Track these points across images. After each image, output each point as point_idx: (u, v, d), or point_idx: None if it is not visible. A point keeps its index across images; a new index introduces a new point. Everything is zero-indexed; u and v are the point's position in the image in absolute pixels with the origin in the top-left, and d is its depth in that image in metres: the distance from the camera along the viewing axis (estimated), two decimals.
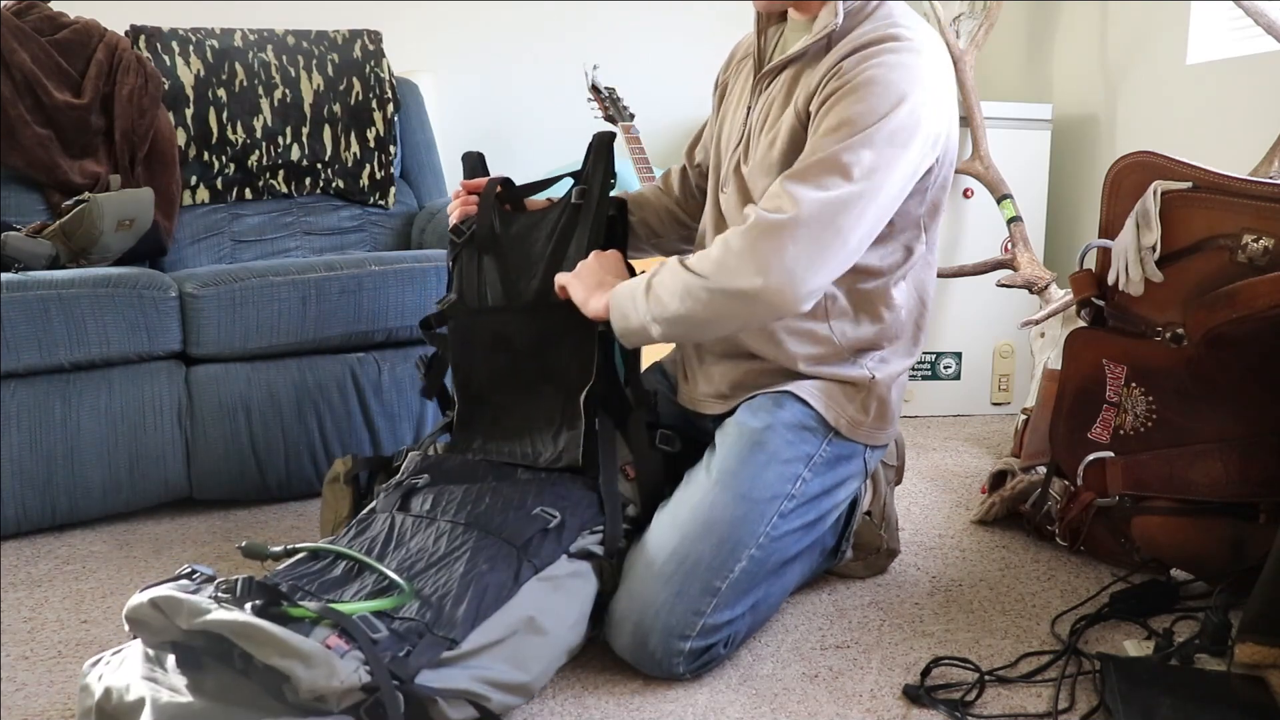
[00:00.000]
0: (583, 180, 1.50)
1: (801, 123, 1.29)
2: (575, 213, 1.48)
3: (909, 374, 1.47)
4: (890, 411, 1.41)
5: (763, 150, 1.34)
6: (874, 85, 1.21)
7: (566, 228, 1.47)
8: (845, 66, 1.24)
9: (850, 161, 1.19)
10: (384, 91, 2.55)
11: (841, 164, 1.19)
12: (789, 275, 1.18)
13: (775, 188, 1.22)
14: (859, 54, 1.24)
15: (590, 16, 3.07)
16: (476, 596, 1.11)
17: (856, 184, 1.19)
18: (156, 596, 0.98)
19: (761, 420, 1.32)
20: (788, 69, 1.34)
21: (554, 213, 1.50)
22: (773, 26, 1.43)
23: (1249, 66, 2.15)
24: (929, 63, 1.25)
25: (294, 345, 1.90)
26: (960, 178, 2.51)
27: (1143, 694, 1.12)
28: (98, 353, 1.76)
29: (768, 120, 1.35)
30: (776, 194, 1.21)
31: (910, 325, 1.43)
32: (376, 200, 2.55)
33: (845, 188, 1.19)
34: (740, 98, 1.45)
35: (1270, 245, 1.29)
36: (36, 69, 2.16)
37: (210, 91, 2.39)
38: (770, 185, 1.27)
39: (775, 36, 1.43)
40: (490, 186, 1.52)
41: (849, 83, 1.22)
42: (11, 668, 1.29)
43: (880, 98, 1.20)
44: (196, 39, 2.42)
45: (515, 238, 1.50)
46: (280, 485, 1.92)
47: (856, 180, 1.19)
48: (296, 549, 1.20)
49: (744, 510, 1.26)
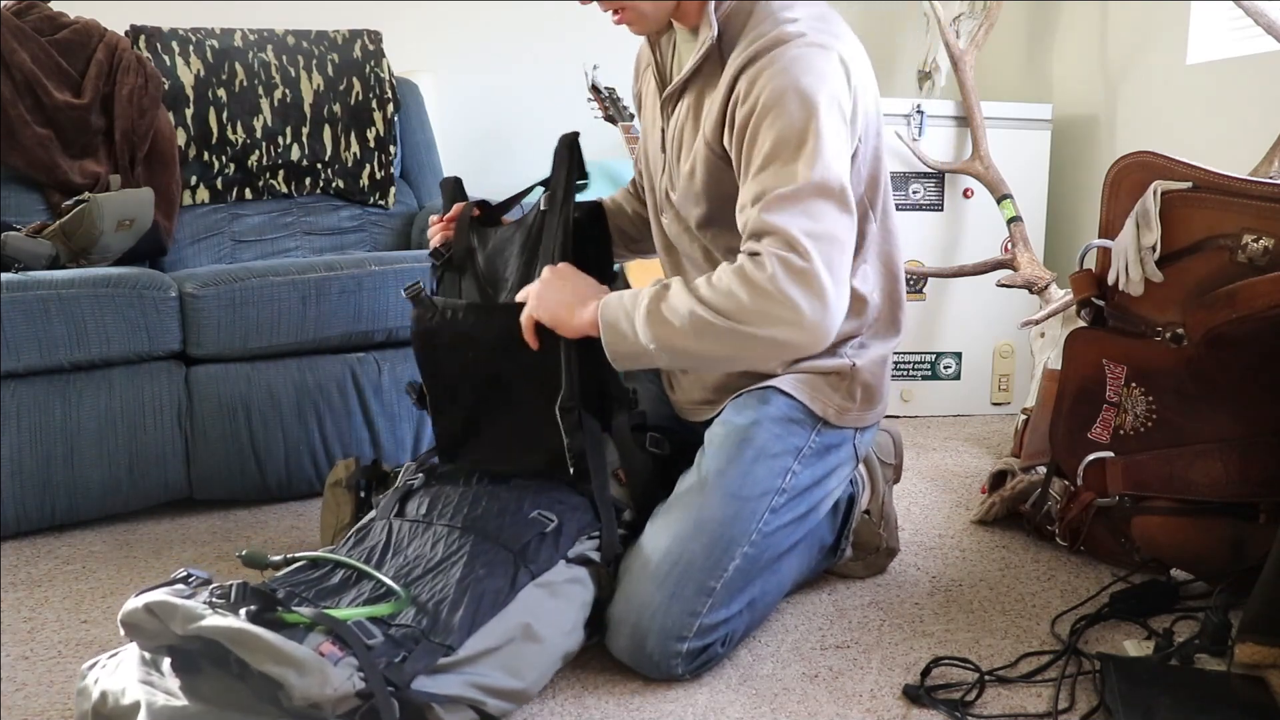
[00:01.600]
0: (550, 186, 1.45)
1: (714, 153, 1.27)
2: (543, 219, 1.43)
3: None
4: (877, 394, 1.39)
5: (684, 180, 1.33)
6: (783, 97, 1.18)
7: (537, 235, 1.43)
8: (742, 89, 1.21)
9: (820, 177, 1.17)
10: (384, 91, 2.55)
11: (815, 185, 1.17)
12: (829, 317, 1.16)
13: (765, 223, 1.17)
14: (752, 68, 1.21)
15: (590, 16, 3.05)
16: (473, 603, 1.11)
17: (836, 193, 1.18)
18: (151, 602, 0.98)
19: (747, 417, 1.32)
20: (689, 88, 1.32)
21: (526, 222, 1.47)
22: (664, 36, 1.40)
23: (1249, 66, 2.15)
24: (821, 48, 1.21)
25: (294, 345, 1.90)
26: (960, 178, 2.52)
27: (1143, 694, 1.12)
28: (98, 353, 1.76)
29: (682, 148, 1.33)
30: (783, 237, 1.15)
31: (885, 304, 1.40)
32: (376, 200, 2.55)
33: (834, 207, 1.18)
34: (653, 118, 1.43)
35: (1270, 245, 1.29)
36: (36, 69, 2.16)
37: (210, 91, 2.39)
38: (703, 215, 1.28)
39: (669, 47, 1.40)
40: (466, 209, 1.51)
41: (757, 104, 1.19)
42: (11, 668, 1.29)
43: (796, 104, 1.18)
44: (196, 39, 2.42)
45: (492, 253, 1.49)
46: (280, 485, 1.92)
47: (835, 188, 1.18)
48: (295, 558, 1.20)
49: (735, 509, 1.26)
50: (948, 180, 2.52)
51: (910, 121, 2.49)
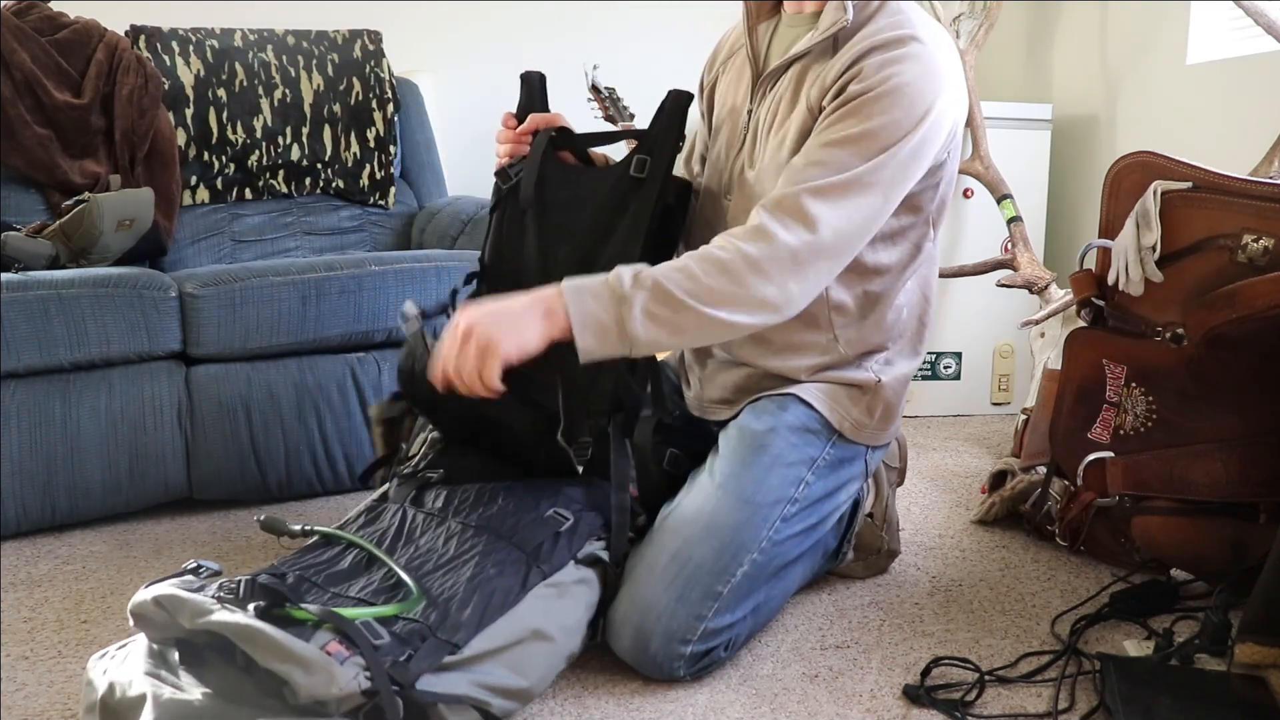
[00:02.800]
0: (648, 148, 1.32)
1: (814, 116, 1.26)
2: (632, 187, 1.31)
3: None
4: (894, 414, 1.40)
5: (771, 151, 1.31)
6: (901, 96, 1.19)
7: (619, 205, 1.31)
8: (868, 68, 1.21)
9: (873, 181, 1.18)
10: (384, 91, 2.55)
11: (864, 182, 1.18)
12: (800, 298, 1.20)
13: (792, 200, 1.18)
14: (880, 55, 1.21)
15: (589, 16, 3.07)
16: (482, 601, 1.11)
17: (875, 199, 1.19)
18: (160, 594, 0.99)
19: (765, 423, 1.31)
20: (791, 68, 1.31)
21: (608, 181, 1.34)
22: (763, 24, 1.39)
23: (1249, 66, 2.15)
24: (945, 61, 1.24)
25: (294, 345, 1.90)
26: (960, 178, 2.51)
27: (1143, 694, 1.12)
28: (98, 353, 1.76)
29: (775, 121, 1.32)
30: (795, 208, 1.17)
31: (914, 324, 1.42)
32: (376, 200, 2.55)
33: (868, 206, 1.19)
34: (735, 100, 1.40)
35: (1270, 245, 1.29)
36: (36, 69, 2.16)
37: (210, 91, 2.39)
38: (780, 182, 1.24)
39: (767, 34, 1.39)
40: (543, 137, 1.37)
41: (874, 89, 1.19)
42: (11, 668, 1.29)
43: (908, 110, 1.19)
44: (196, 39, 2.42)
45: (564, 199, 1.35)
46: (280, 485, 1.92)
47: (876, 195, 1.19)
48: (314, 530, 1.20)
49: (746, 514, 1.25)
50: None
51: None
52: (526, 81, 1.44)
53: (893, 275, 1.35)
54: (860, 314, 1.36)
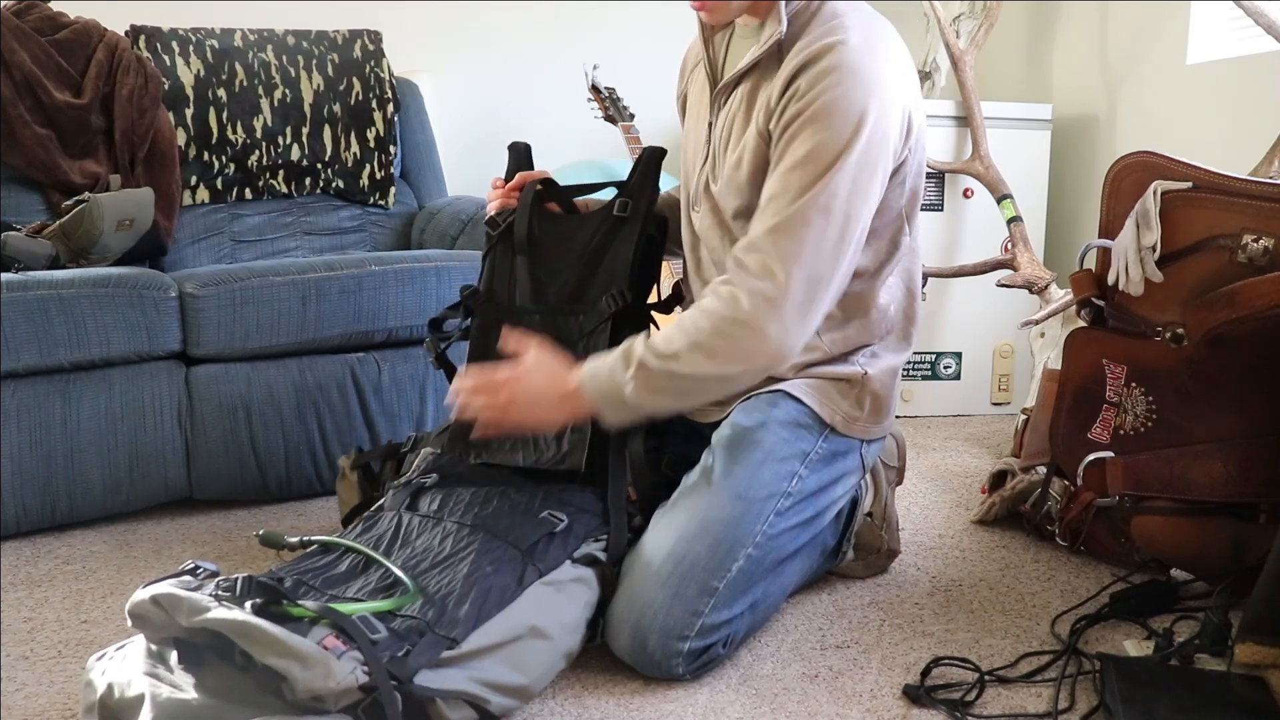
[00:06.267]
0: (628, 192, 1.47)
1: (765, 141, 1.28)
2: (616, 225, 1.46)
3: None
4: (886, 406, 1.40)
5: (729, 169, 1.33)
6: (832, 110, 1.19)
7: (605, 238, 1.45)
8: (801, 86, 1.22)
9: (827, 202, 1.19)
10: (384, 91, 2.55)
11: (819, 205, 1.19)
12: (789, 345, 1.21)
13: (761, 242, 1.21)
14: (810, 71, 1.22)
15: (590, 16, 3.07)
16: (480, 597, 1.11)
17: (837, 221, 1.20)
18: (158, 593, 0.99)
19: (755, 419, 1.32)
20: (744, 81, 1.33)
21: (594, 221, 1.48)
22: (719, 34, 1.41)
23: (1249, 66, 2.15)
24: (875, 61, 1.23)
25: (294, 345, 1.90)
26: (960, 178, 2.52)
27: (1143, 694, 1.12)
28: (98, 353, 1.76)
29: (731, 138, 1.34)
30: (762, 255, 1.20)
31: (900, 319, 1.42)
32: (376, 200, 2.55)
33: (828, 230, 1.19)
34: (699, 111, 1.43)
35: (1270, 245, 1.29)
36: (36, 69, 2.16)
37: (210, 91, 2.39)
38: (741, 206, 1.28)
39: (724, 45, 1.40)
40: (531, 188, 1.50)
41: (806, 109, 1.21)
42: (11, 668, 1.29)
43: (842, 121, 1.19)
44: (196, 39, 2.42)
45: (552, 241, 1.48)
46: (280, 485, 1.92)
47: (836, 216, 1.19)
48: (310, 541, 1.21)
49: (740, 510, 1.26)
50: (948, 180, 2.52)
51: None
52: (514, 150, 1.59)
53: (871, 275, 1.36)
54: (845, 317, 1.37)
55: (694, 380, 1.22)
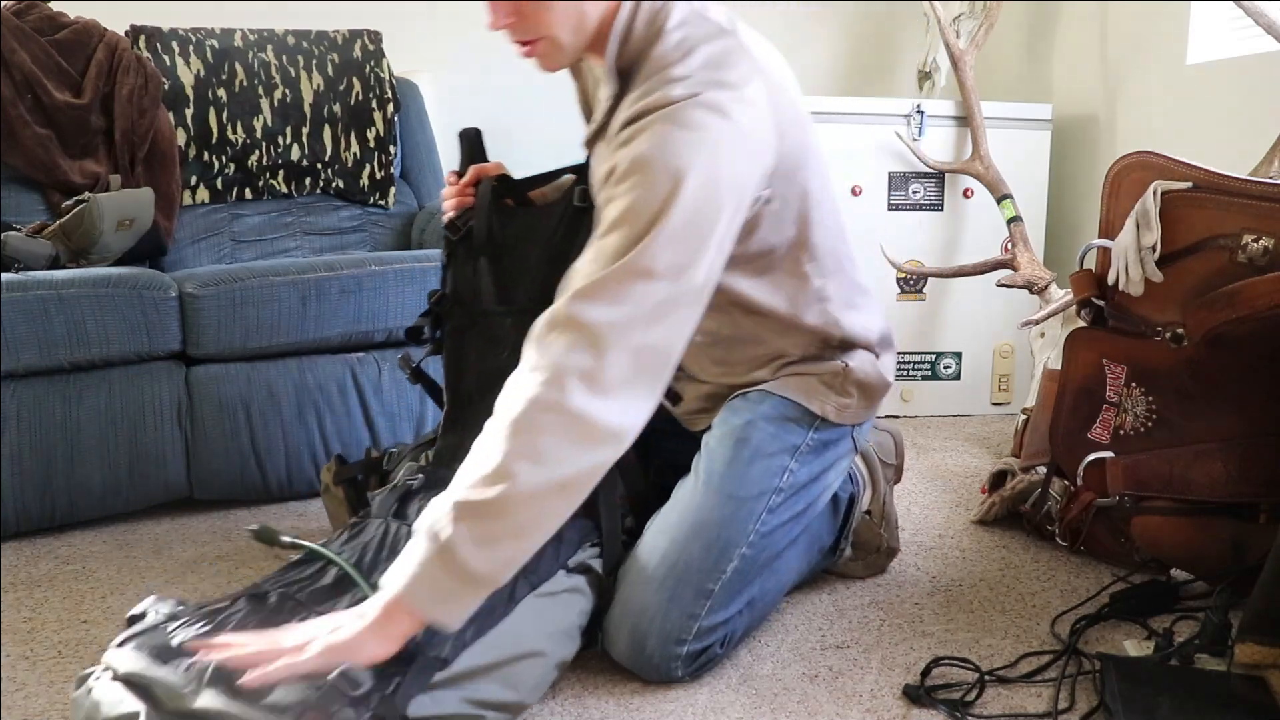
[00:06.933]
0: (587, 180, 1.38)
1: None
2: (578, 216, 1.37)
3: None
4: (875, 388, 1.37)
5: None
6: (649, 166, 1.05)
7: (568, 233, 1.37)
8: (625, 136, 1.10)
9: (648, 264, 1.03)
10: (384, 91, 2.55)
11: (638, 268, 1.03)
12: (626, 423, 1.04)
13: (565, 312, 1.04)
14: (631, 128, 1.10)
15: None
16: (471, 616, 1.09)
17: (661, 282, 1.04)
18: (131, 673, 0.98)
19: (743, 416, 1.31)
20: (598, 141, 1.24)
21: (554, 214, 1.40)
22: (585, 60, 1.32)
23: (1249, 66, 2.15)
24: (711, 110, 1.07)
25: (294, 345, 1.90)
26: (960, 177, 2.52)
27: (1143, 694, 1.12)
28: (98, 353, 1.76)
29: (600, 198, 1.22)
30: (571, 325, 1.03)
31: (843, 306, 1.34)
32: (376, 200, 2.55)
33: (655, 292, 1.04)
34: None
35: (1270, 245, 1.29)
36: (36, 69, 2.16)
37: (210, 91, 2.39)
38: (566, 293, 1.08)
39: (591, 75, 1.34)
40: (487, 186, 1.44)
41: (625, 165, 1.08)
42: (11, 668, 1.29)
43: (657, 178, 1.04)
44: (196, 39, 2.42)
45: (512, 239, 1.42)
46: (280, 485, 1.92)
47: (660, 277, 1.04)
48: (300, 544, 1.20)
49: (732, 510, 1.25)
50: (948, 180, 2.52)
51: (910, 121, 2.49)
52: (465, 138, 1.51)
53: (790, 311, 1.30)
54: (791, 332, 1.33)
55: (530, 502, 1.00)
